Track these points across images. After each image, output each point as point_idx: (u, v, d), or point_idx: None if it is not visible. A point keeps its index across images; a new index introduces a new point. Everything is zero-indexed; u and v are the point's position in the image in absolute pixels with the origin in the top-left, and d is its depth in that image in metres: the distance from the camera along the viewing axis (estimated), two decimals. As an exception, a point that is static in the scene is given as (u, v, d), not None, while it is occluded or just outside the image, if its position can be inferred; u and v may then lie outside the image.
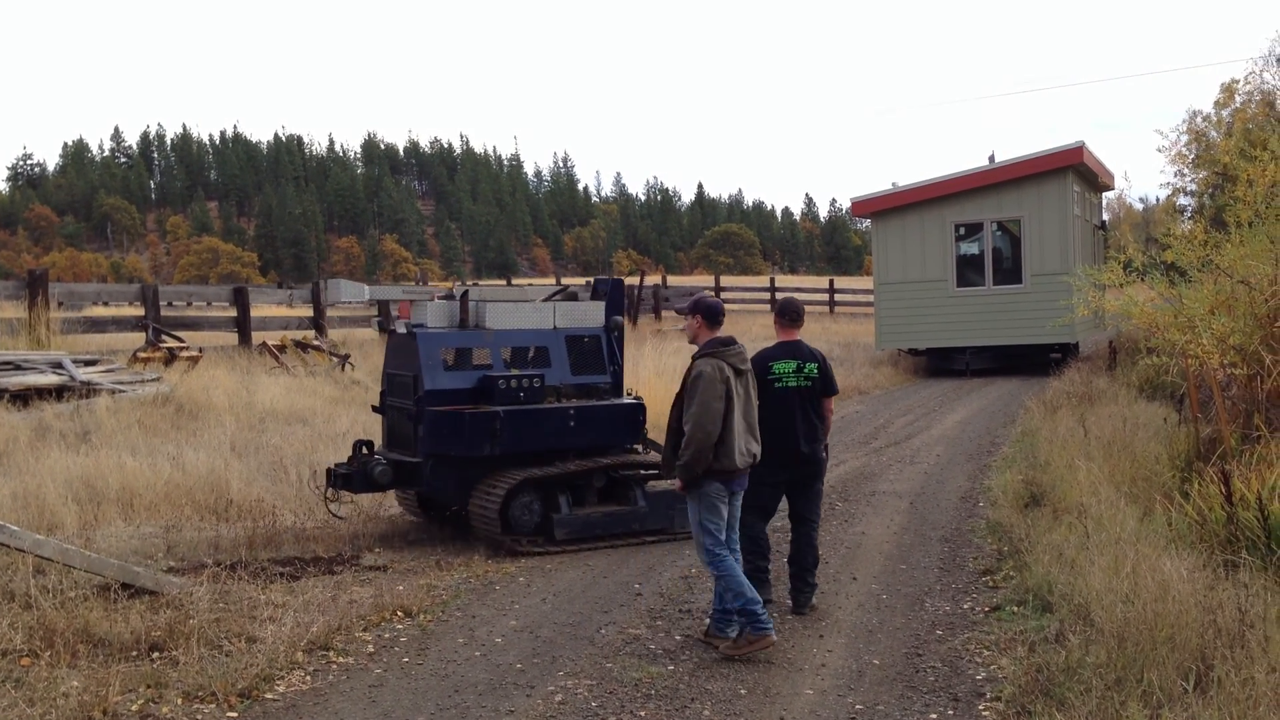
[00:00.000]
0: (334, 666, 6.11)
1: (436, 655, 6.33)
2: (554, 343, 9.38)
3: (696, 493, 6.45)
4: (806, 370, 7.20)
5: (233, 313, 21.48)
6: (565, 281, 51.53)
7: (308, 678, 5.92)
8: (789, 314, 7.40)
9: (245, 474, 10.70)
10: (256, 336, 21.04)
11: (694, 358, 6.56)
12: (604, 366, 9.62)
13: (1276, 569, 6.47)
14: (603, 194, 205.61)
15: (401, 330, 9.20)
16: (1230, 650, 5.09)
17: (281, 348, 19.93)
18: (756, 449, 6.56)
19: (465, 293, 9.38)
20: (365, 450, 9.10)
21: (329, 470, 9.18)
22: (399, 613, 7.04)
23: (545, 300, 9.76)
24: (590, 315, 9.66)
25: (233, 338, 20.93)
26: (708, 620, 6.62)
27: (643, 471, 9.30)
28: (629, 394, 9.89)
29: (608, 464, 9.17)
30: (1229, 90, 31.21)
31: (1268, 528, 6.95)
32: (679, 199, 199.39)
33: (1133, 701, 4.81)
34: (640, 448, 9.61)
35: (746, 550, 7.03)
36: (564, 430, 9.02)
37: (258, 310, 23.72)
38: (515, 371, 9.02)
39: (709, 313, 6.66)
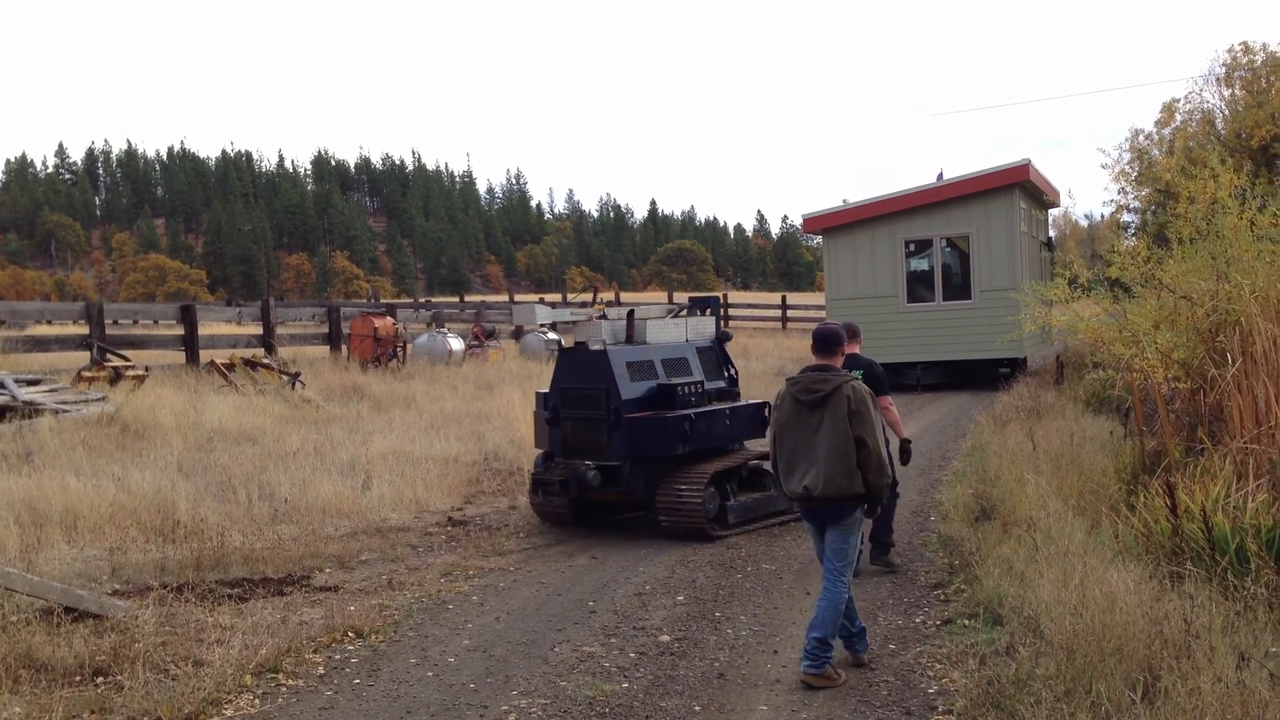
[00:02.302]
0: (283, 689, 6.02)
1: (388, 676, 6.27)
2: (690, 354, 10.70)
3: None
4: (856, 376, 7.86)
5: (180, 331, 21.23)
6: (519, 298, 51.20)
7: (256, 701, 5.83)
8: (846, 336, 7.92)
9: (192, 494, 10.55)
10: (205, 355, 20.81)
11: None
12: (723, 372, 11.01)
13: (1221, 580, 6.58)
14: (556, 211, 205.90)
15: (596, 346, 10.07)
16: (1176, 661, 5.16)
17: (230, 366, 19.70)
18: (813, 481, 6.15)
19: (631, 312, 10.76)
20: (550, 459, 10.02)
21: (535, 478, 10.04)
22: (350, 633, 6.96)
23: (674, 317, 11.19)
24: (706, 328, 11.20)
25: (180, 356, 20.68)
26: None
27: (765, 463, 10.21)
28: None
29: (756, 455, 10.45)
30: (1169, 110, 31.91)
31: (1212, 539, 7.06)
32: (632, 215, 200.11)
33: (1081, 712, 4.86)
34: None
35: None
36: (722, 429, 10.30)
37: (206, 328, 23.47)
38: (681, 380, 10.21)
39: (815, 340, 6.58)
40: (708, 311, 11.36)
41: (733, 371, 11.11)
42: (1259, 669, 4.80)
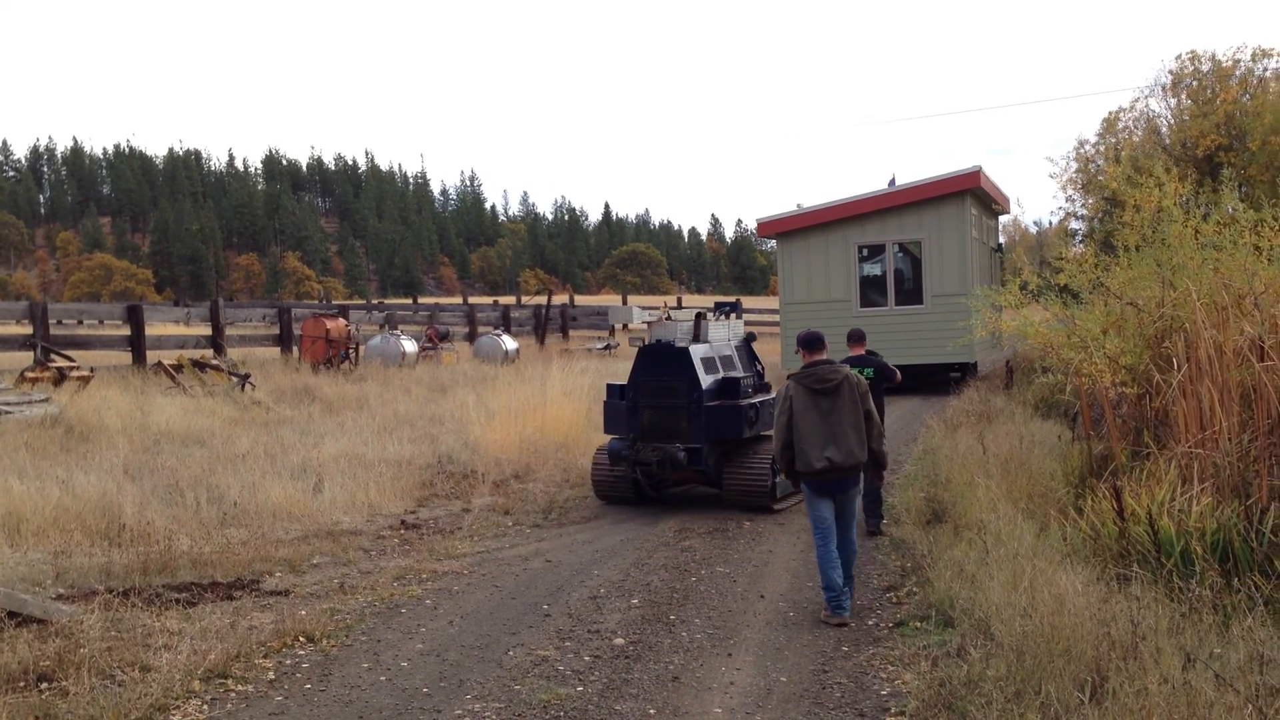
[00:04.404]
0: (232, 695, 5.94)
1: (340, 681, 6.20)
2: (733, 351, 12.16)
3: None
4: (866, 372, 10.06)
5: (127, 331, 20.91)
6: (473, 300, 50.94)
7: (205, 707, 5.74)
8: (855, 338, 10.68)
9: (139, 497, 10.38)
10: (152, 355, 20.52)
11: None
12: (754, 367, 12.41)
13: (1166, 582, 6.69)
14: (510, 213, 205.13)
15: (682, 343, 11.46)
16: (1124, 662, 5.24)
17: (178, 367, 19.43)
18: (836, 454, 7.45)
19: (700, 314, 12.09)
20: (630, 443, 11.15)
21: (623, 456, 11.07)
22: (301, 638, 6.88)
23: (713, 320, 12.43)
24: (738, 329, 12.70)
25: (126, 357, 20.37)
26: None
27: None
28: None
29: None
30: (1111, 121, 32.42)
31: (1158, 542, 7.18)
32: (586, 218, 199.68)
33: (1031, 713, 4.92)
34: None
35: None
36: (769, 416, 11.41)
37: (153, 329, 23.12)
38: (733, 374, 11.63)
39: (802, 343, 7.92)
40: (733, 315, 12.78)
41: (760, 367, 12.57)
42: (1204, 670, 4.88)
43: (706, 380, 11.18)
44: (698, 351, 11.40)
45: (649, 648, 6.82)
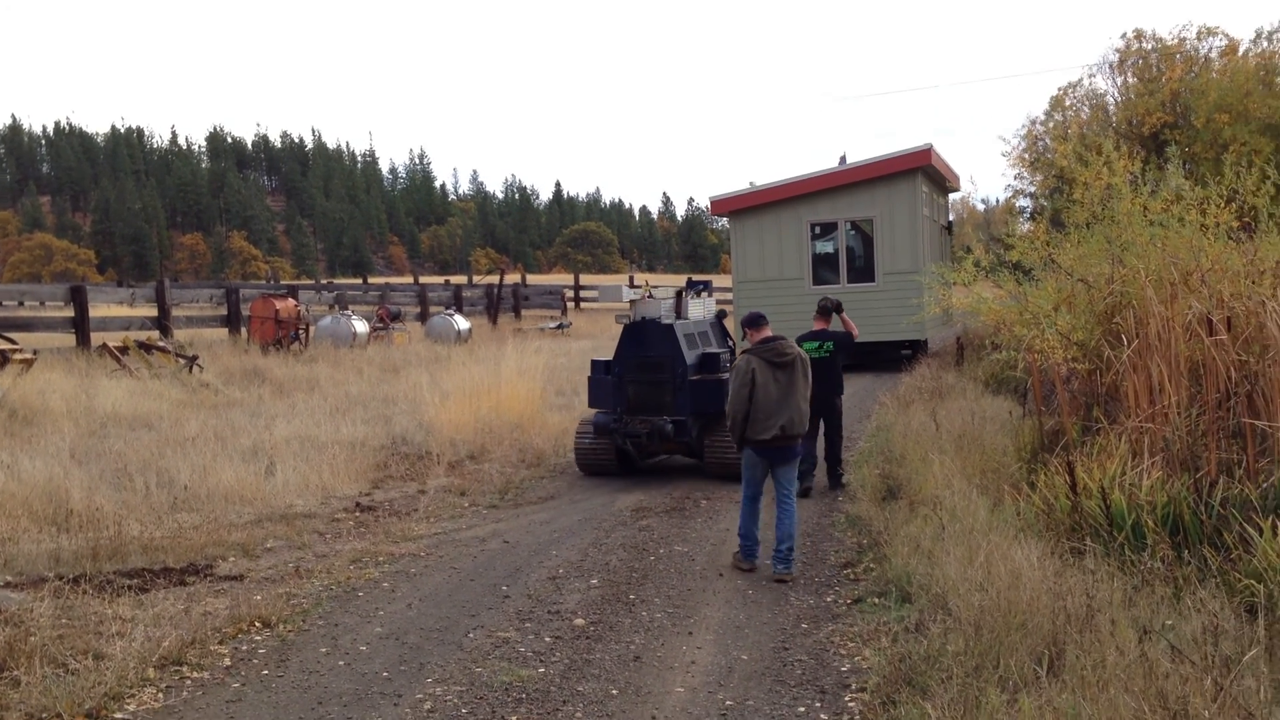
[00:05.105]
0: (188, 682, 5.86)
1: (298, 666, 6.14)
2: (708, 328, 12.70)
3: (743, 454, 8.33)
4: (825, 347, 11.20)
5: (70, 313, 20.52)
6: (424, 280, 50.59)
7: (160, 695, 5.66)
8: (821, 312, 11.46)
9: (87, 482, 10.19)
10: (96, 338, 20.13)
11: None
12: (727, 343, 12.95)
13: (1119, 555, 6.79)
14: (460, 192, 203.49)
15: (667, 320, 11.87)
16: (1080, 635, 5.31)
17: (124, 349, 19.09)
18: (787, 424, 8.01)
19: (679, 292, 12.70)
20: (616, 417, 11.59)
21: (611, 429, 11.50)
22: (257, 623, 6.80)
23: (690, 298, 12.90)
24: (711, 306, 13.35)
25: (70, 339, 19.99)
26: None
27: None
28: None
29: None
30: (1059, 100, 32.76)
31: (1110, 516, 7.28)
32: (537, 197, 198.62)
33: (991, 687, 4.97)
34: None
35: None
36: None
37: (97, 310, 22.68)
38: (710, 349, 12.10)
39: (747, 324, 8.49)
40: (704, 293, 13.29)
41: (732, 342, 13.00)
42: (1158, 640, 4.96)
43: (690, 356, 11.63)
44: (680, 328, 11.85)
45: (609, 628, 6.81)
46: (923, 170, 22.60)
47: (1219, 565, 6.39)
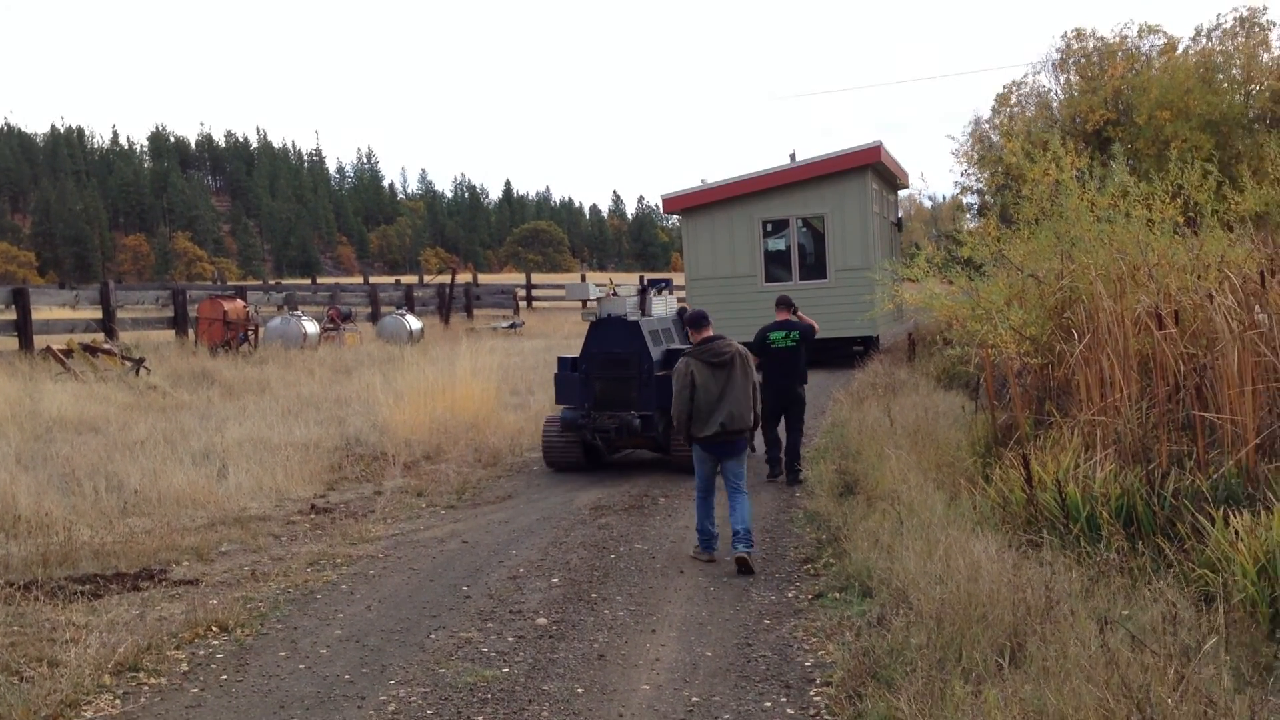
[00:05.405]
0: (145, 688, 5.76)
1: (257, 671, 6.06)
2: (671, 325, 12.92)
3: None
4: (791, 336, 11.35)
5: (11, 315, 20.11)
6: (374, 280, 50.20)
7: (117, 702, 5.56)
8: (783, 304, 11.72)
9: (34, 487, 9.99)
10: (39, 340, 19.79)
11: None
12: (687, 340, 12.37)
13: (1075, 547, 6.88)
14: (409, 191, 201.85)
15: (633, 317, 12.11)
16: (1040, 626, 5.37)
17: (68, 352, 18.75)
18: (727, 420, 8.22)
19: (644, 289, 12.95)
20: (583, 413, 11.77)
21: (579, 423, 11.70)
22: (214, 628, 6.70)
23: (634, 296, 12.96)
24: (671, 304, 13.65)
25: (13, 342, 19.62)
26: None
27: None
28: None
29: None
30: (1005, 96, 33.15)
31: (1065, 508, 7.39)
32: (487, 196, 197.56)
33: (955, 679, 5.01)
34: None
35: (767, 444, 11.44)
36: None
37: (40, 313, 22.27)
38: (674, 346, 12.15)
39: (690, 323, 8.81)
40: (664, 291, 13.58)
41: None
42: (1118, 630, 5.03)
43: (655, 352, 11.86)
44: (646, 325, 12.13)
45: (572, 626, 6.79)
46: (873, 167, 22.77)
47: (1174, 556, 6.50)
